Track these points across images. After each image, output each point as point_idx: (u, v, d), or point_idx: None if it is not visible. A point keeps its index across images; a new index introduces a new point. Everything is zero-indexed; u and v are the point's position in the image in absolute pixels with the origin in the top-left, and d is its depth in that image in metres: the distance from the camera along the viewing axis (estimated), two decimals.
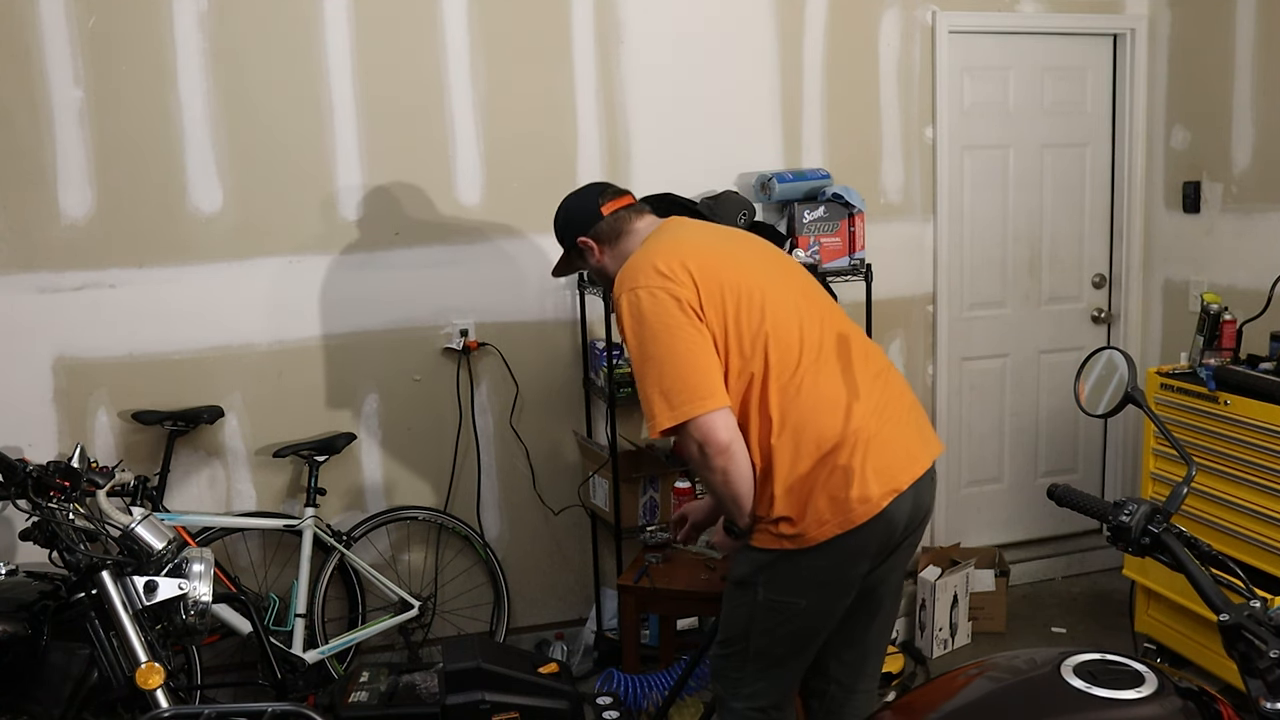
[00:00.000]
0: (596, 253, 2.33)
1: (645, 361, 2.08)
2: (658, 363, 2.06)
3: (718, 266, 2.14)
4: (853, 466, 2.08)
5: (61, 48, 3.19)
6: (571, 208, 2.38)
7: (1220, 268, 3.99)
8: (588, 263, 2.38)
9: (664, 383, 2.05)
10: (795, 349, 2.11)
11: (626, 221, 2.31)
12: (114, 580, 2.04)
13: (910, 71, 4.01)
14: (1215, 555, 1.48)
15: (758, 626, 2.20)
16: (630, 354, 2.13)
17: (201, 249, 3.38)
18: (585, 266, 2.41)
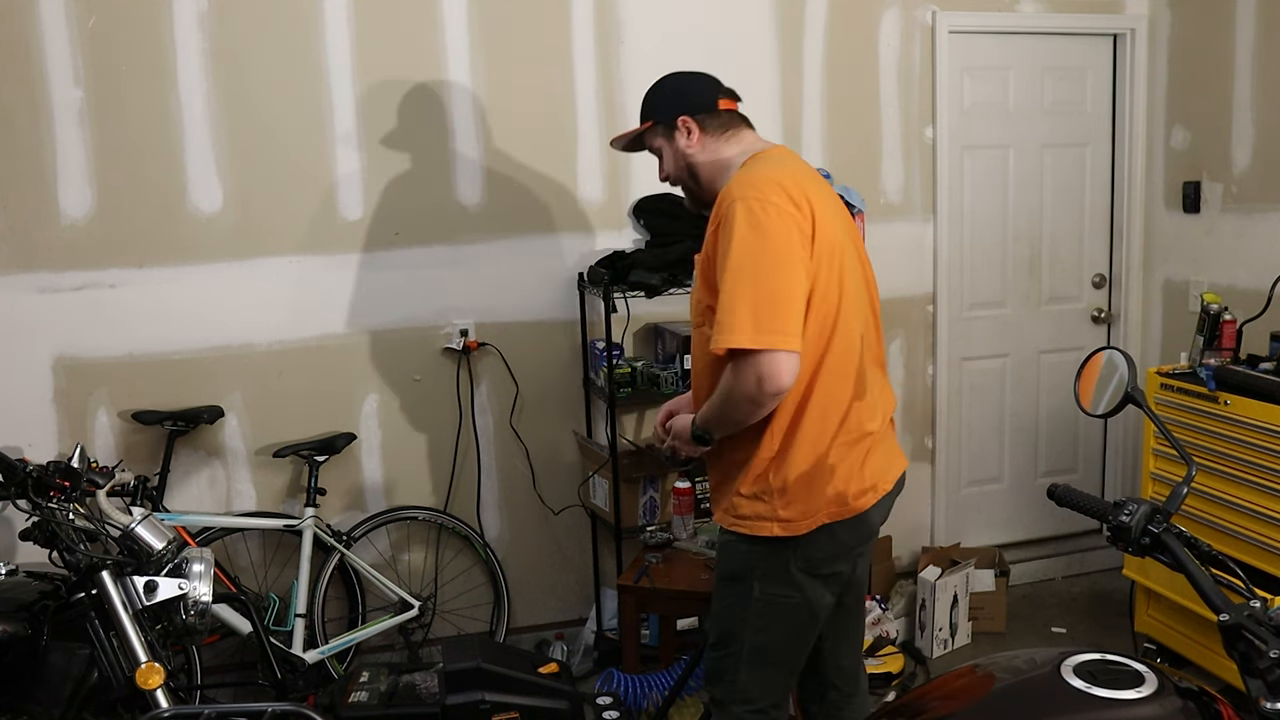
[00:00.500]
0: (693, 138, 2.21)
1: (746, 275, 1.96)
2: (761, 281, 1.96)
3: (829, 225, 2.07)
4: (858, 462, 2.12)
5: (61, 48, 3.19)
6: (685, 85, 2.26)
7: (1220, 268, 3.99)
8: (672, 144, 2.24)
9: (759, 303, 1.95)
10: (856, 340, 2.14)
11: (736, 126, 2.24)
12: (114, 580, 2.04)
13: (910, 71, 4.01)
14: (1215, 555, 1.48)
15: (752, 624, 2.17)
16: (727, 259, 1.99)
17: (201, 249, 3.38)
18: (659, 148, 2.26)
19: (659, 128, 2.26)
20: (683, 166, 2.24)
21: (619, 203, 3.73)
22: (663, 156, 2.27)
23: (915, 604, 3.85)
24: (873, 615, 3.74)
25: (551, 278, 3.71)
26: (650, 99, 2.30)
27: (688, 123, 2.22)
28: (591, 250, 3.69)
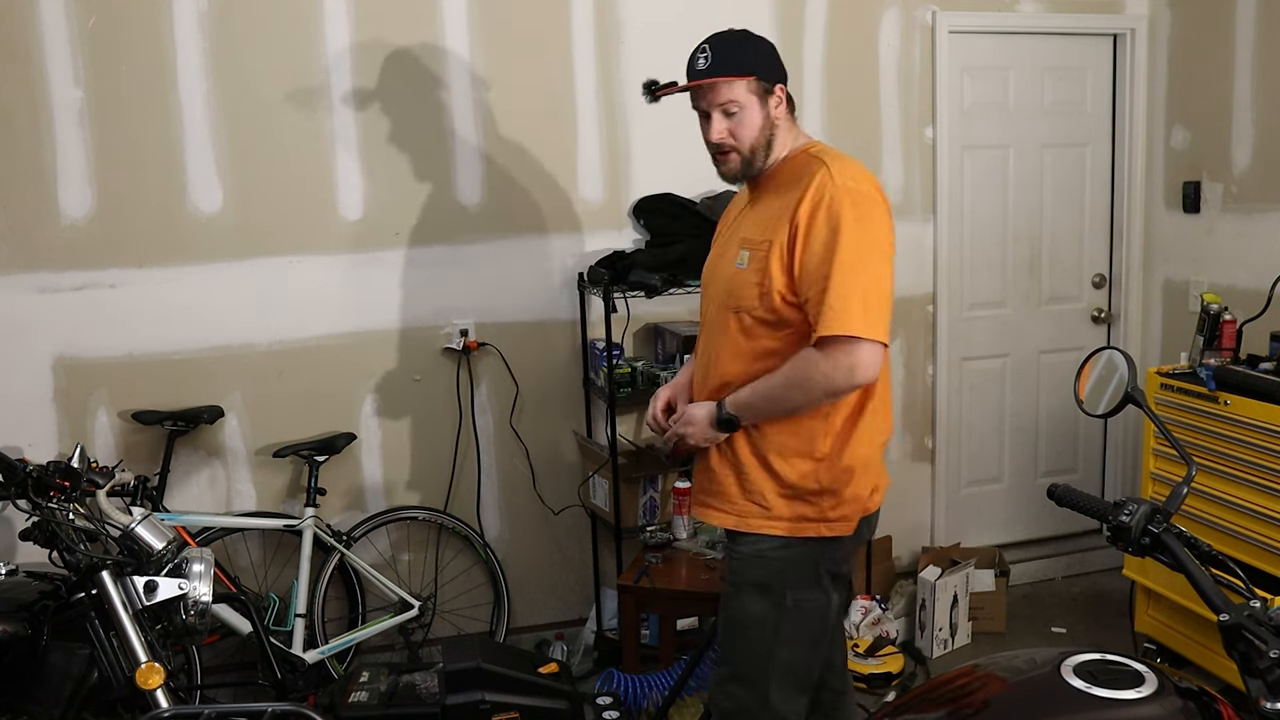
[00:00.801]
0: (782, 109, 2.13)
1: (858, 265, 1.96)
2: (870, 273, 1.97)
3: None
4: (879, 459, 2.21)
5: (61, 48, 3.19)
6: (775, 51, 2.18)
7: (1220, 268, 3.99)
8: (763, 108, 2.10)
9: (868, 294, 1.96)
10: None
11: (793, 107, 2.21)
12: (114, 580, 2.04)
13: (910, 71, 4.01)
14: (1215, 555, 1.48)
15: (784, 638, 2.10)
16: (836, 248, 1.96)
17: (201, 249, 3.38)
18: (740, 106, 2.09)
19: (757, 84, 2.11)
20: (767, 134, 2.12)
21: (619, 203, 3.73)
22: (741, 116, 2.10)
23: (915, 604, 3.85)
24: (873, 615, 3.74)
25: (552, 278, 3.71)
26: (746, 52, 2.13)
27: (784, 91, 2.15)
28: (592, 250, 3.69)
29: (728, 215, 2.36)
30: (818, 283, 1.97)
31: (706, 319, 2.25)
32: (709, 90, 2.10)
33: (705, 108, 2.12)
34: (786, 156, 2.14)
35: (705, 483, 2.23)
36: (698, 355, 2.30)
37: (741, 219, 2.21)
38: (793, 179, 2.07)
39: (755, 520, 2.10)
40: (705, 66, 2.08)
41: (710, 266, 2.30)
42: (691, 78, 2.12)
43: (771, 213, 2.08)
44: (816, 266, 1.97)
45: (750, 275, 2.07)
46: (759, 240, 2.07)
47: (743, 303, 2.09)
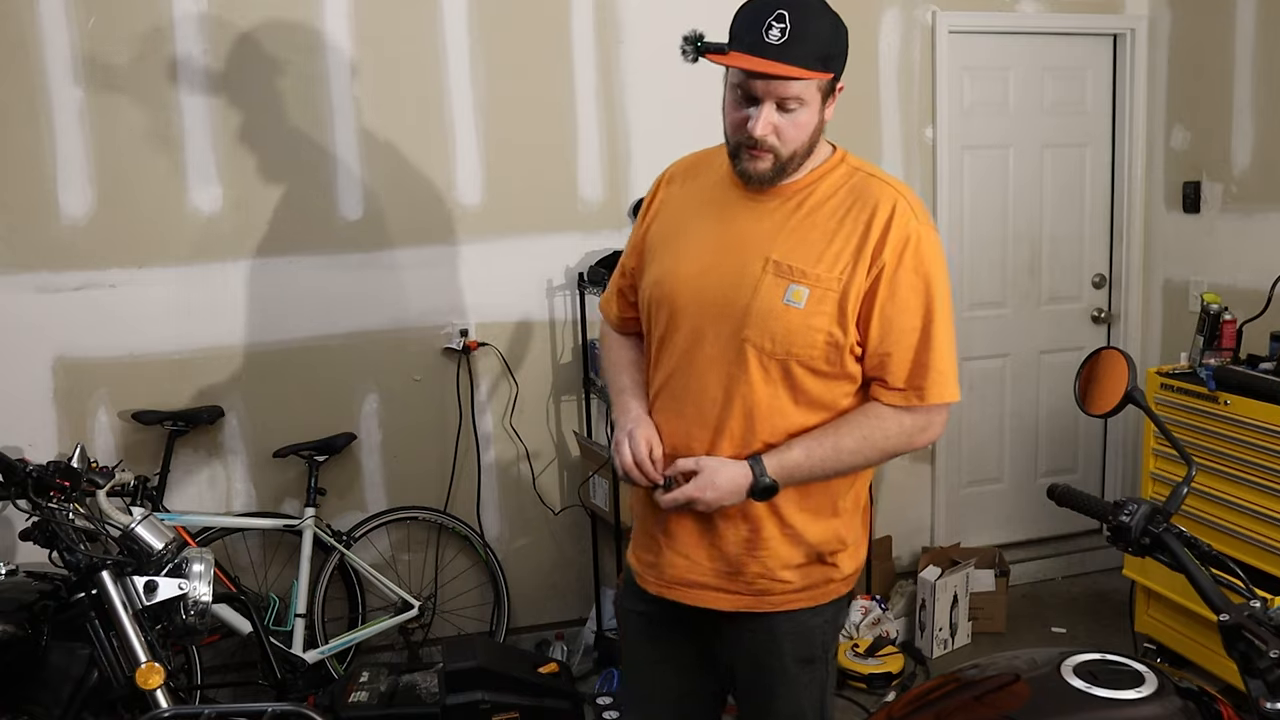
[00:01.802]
0: (829, 106, 1.72)
1: (948, 320, 1.75)
2: (951, 329, 1.76)
3: None
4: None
5: (61, 48, 3.19)
6: (847, 36, 1.71)
7: (1220, 268, 3.99)
8: (822, 110, 1.70)
9: (952, 356, 1.76)
10: None
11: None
12: (114, 580, 2.04)
13: (910, 71, 4.01)
14: (1215, 555, 1.48)
15: (827, 709, 1.88)
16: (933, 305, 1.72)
17: (202, 249, 3.38)
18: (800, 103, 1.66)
19: (832, 84, 1.70)
20: (814, 139, 1.73)
21: (619, 203, 3.73)
22: (797, 114, 1.67)
23: (915, 604, 3.85)
24: (873, 615, 3.74)
25: (552, 278, 3.71)
26: (830, 36, 1.67)
27: (839, 91, 1.74)
28: (591, 250, 3.69)
29: (686, 187, 1.88)
30: (907, 339, 1.71)
31: (689, 342, 1.77)
32: (776, 79, 1.64)
33: (758, 93, 1.66)
34: (821, 164, 1.78)
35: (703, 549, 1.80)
36: (670, 388, 1.81)
37: (752, 224, 1.76)
38: (850, 200, 1.73)
39: (776, 596, 1.79)
40: (781, 42, 1.60)
41: (696, 272, 1.78)
42: (757, 50, 1.62)
43: (825, 238, 1.71)
44: (909, 323, 1.71)
45: (815, 320, 1.69)
46: (820, 275, 1.69)
47: (796, 350, 1.70)
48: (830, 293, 1.69)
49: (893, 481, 4.24)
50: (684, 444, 1.77)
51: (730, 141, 1.74)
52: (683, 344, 1.78)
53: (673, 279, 1.79)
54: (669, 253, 1.82)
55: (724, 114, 1.75)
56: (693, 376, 1.77)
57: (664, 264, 1.82)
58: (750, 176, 1.73)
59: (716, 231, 1.79)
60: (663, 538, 1.82)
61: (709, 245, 1.78)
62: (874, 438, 1.73)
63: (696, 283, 1.77)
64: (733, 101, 1.72)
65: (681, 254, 1.80)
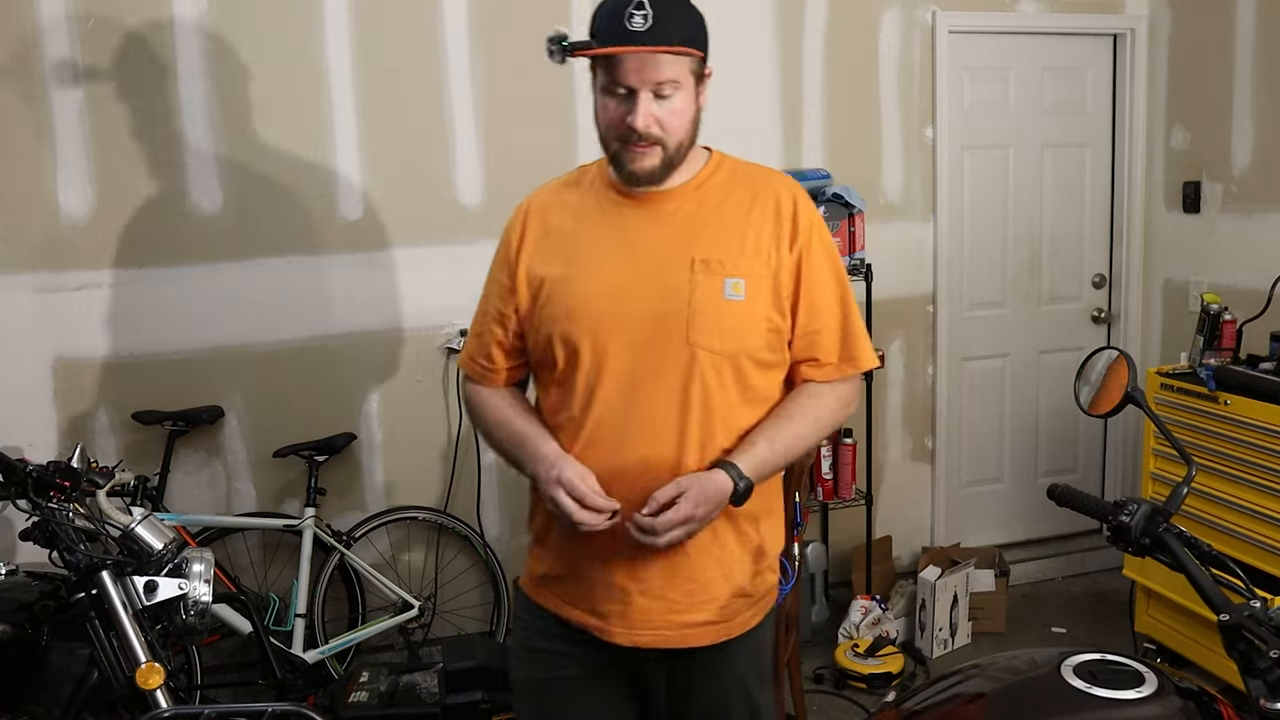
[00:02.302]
0: (702, 93, 1.69)
1: (851, 294, 1.78)
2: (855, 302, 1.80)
3: None
4: None
5: (61, 48, 3.19)
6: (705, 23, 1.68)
7: (1220, 268, 3.99)
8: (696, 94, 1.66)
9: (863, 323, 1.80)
10: None
11: None
12: (114, 580, 2.04)
13: (910, 71, 4.01)
14: (1215, 555, 1.48)
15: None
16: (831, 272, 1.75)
17: (201, 249, 3.38)
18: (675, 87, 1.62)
19: (699, 65, 1.66)
20: (696, 128, 1.69)
21: None
22: (675, 101, 1.63)
23: (915, 604, 3.85)
24: (873, 615, 3.74)
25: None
26: (693, 17, 1.66)
27: (708, 77, 1.70)
28: None
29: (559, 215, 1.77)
30: (831, 313, 1.72)
31: (626, 370, 1.66)
32: (648, 63, 1.59)
33: (634, 84, 1.60)
34: (707, 160, 1.76)
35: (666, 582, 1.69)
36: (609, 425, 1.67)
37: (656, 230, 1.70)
38: (748, 188, 1.73)
39: (741, 613, 1.74)
40: (646, 28, 1.58)
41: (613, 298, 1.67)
42: (623, 40, 1.59)
43: (740, 229, 1.69)
44: (829, 298, 1.72)
45: (758, 309, 1.67)
46: (750, 265, 1.67)
47: (747, 344, 1.67)
48: (764, 279, 1.67)
49: (893, 481, 4.24)
50: (637, 477, 1.64)
51: (611, 145, 1.67)
52: (617, 372, 1.66)
53: (589, 307, 1.67)
54: (572, 283, 1.69)
55: (597, 122, 1.69)
56: (638, 402, 1.66)
57: (571, 295, 1.69)
58: (638, 177, 1.66)
59: (621, 248, 1.70)
60: (631, 583, 1.68)
61: (619, 264, 1.69)
62: (823, 418, 1.73)
63: (619, 304, 1.66)
64: (605, 103, 1.65)
65: (589, 280, 1.68)
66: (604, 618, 1.71)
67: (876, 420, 3.96)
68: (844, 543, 4.08)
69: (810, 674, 3.55)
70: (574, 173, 1.85)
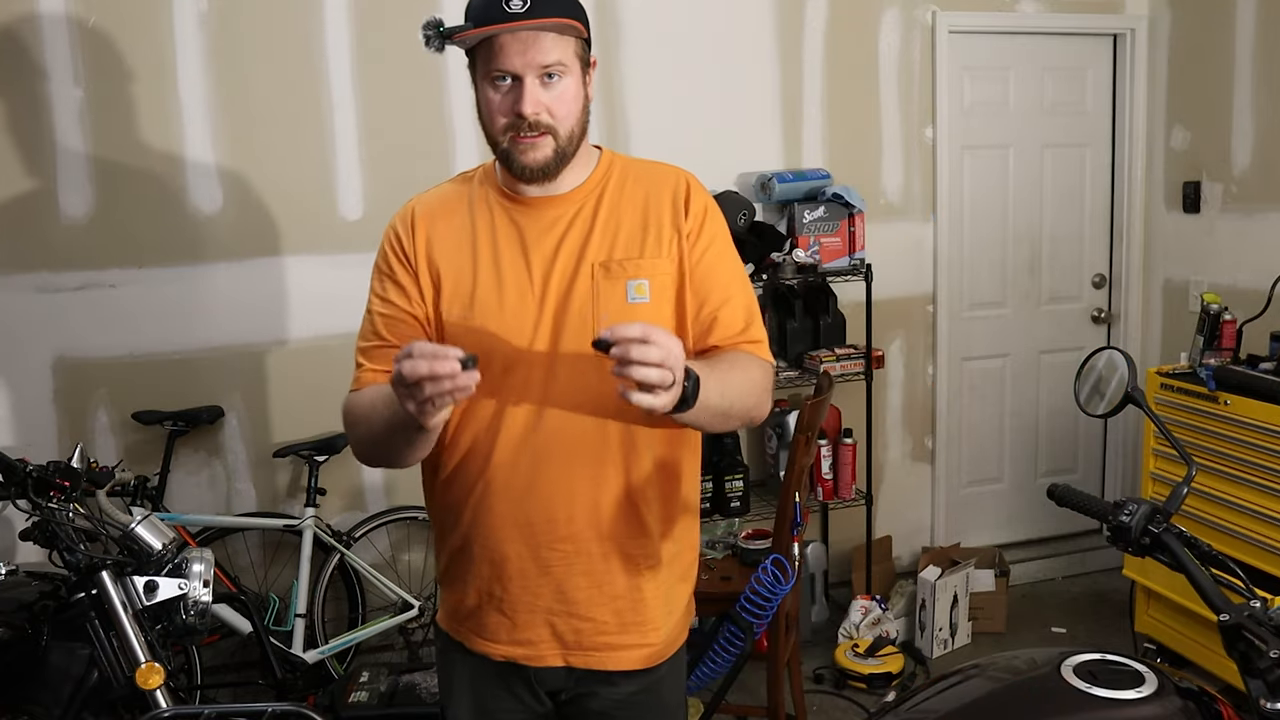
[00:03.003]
0: (589, 79, 1.59)
1: (744, 274, 1.68)
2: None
3: None
4: None
5: (61, 48, 3.19)
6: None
7: (1220, 268, 3.99)
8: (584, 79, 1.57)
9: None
10: None
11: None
12: (114, 580, 2.04)
13: (910, 71, 4.01)
14: (1215, 555, 1.48)
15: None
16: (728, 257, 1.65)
17: (201, 249, 3.38)
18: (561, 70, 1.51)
19: (583, 47, 1.56)
20: (585, 117, 1.59)
21: None
22: (562, 86, 1.52)
23: (915, 604, 3.85)
24: (873, 615, 3.74)
25: None
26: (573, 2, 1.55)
27: (593, 65, 1.61)
28: None
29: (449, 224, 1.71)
30: (740, 301, 1.63)
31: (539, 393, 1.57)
32: (531, 45, 1.47)
33: (518, 68, 1.49)
34: (596, 165, 1.66)
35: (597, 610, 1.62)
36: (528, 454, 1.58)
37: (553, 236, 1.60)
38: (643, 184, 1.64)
39: (668, 633, 1.68)
40: (524, 8, 1.46)
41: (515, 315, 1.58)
42: (500, 18, 1.47)
43: (638, 227, 1.60)
44: (734, 283, 1.64)
45: (664, 309, 1.58)
46: (654, 264, 1.58)
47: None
48: (668, 277, 1.58)
49: (893, 481, 4.24)
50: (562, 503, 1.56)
51: (499, 139, 1.54)
52: (530, 396, 1.56)
53: (499, 318, 1.57)
54: (469, 296, 1.60)
55: (480, 119, 1.57)
56: (557, 423, 1.56)
57: (479, 305, 1.59)
58: (530, 170, 1.54)
59: (518, 261, 1.59)
60: (556, 605, 1.60)
61: (518, 278, 1.58)
62: (757, 379, 1.58)
63: (520, 317, 1.57)
64: (489, 96, 1.53)
65: (486, 292, 1.58)
66: (532, 644, 1.63)
67: (876, 420, 3.96)
68: (844, 543, 4.08)
69: (810, 674, 3.55)
70: (455, 179, 1.75)
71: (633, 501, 1.60)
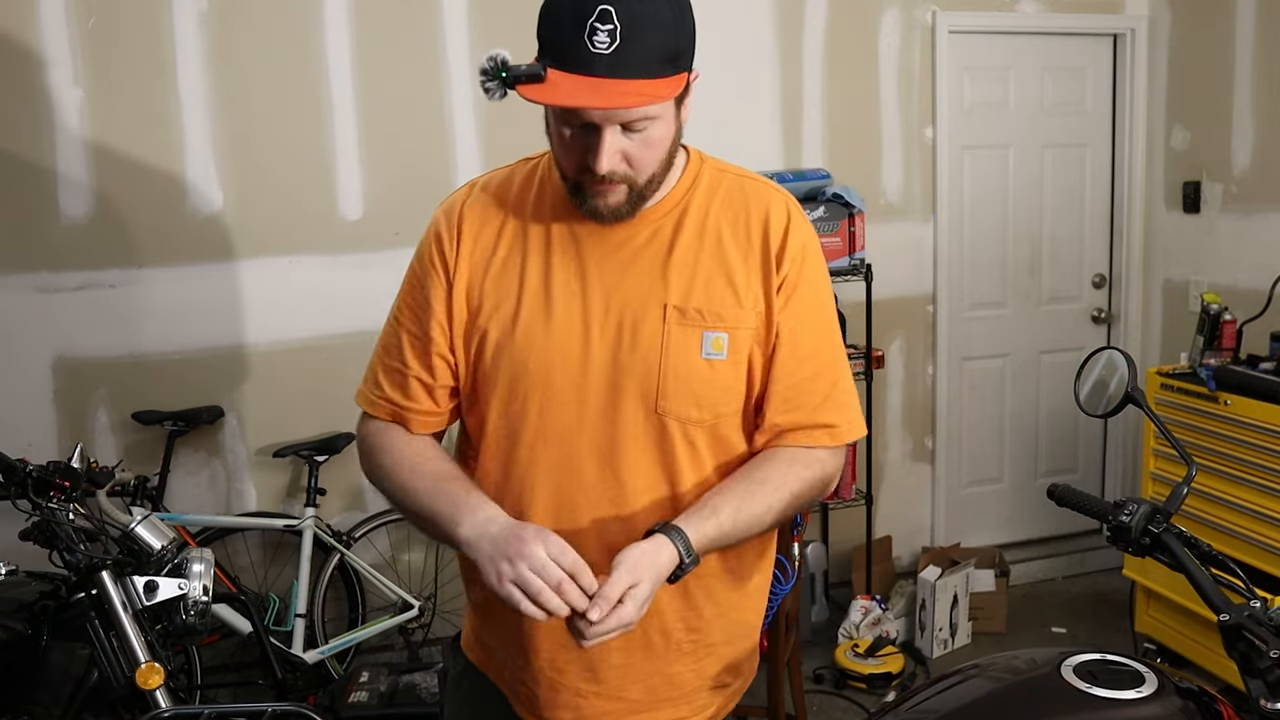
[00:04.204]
0: (684, 111, 1.39)
1: (842, 347, 1.48)
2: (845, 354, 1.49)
3: None
4: None
5: (61, 48, 3.19)
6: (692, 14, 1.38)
7: (1220, 268, 3.99)
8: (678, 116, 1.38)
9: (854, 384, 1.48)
10: None
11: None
12: (114, 580, 2.04)
13: (910, 71, 4.01)
14: (1215, 555, 1.48)
15: None
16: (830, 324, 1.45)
17: (201, 249, 3.38)
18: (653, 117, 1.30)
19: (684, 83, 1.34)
20: (674, 150, 1.39)
21: None
22: (648, 133, 1.31)
23: (915, 604, 3.85)
24: (873, 615, 3.74)
25: None
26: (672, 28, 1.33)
27: (688, 85, 1.37)
28: None
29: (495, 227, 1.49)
30: (825, 372, 1.41)
31: (573, 435, 1.38)
32: (615, 97, 1.24)
33: (596, 120, 1.27)
34: (681, 174, 1.44)
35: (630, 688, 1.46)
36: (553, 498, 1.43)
37: (622, 261, 1.39)
38: (734, 211, 1.42)
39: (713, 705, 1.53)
40: (612, 49, 1.22)
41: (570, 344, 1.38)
42: (582, 66, 1.22)
43: (722, 263, 1.39)
44: (819, 350, 1.42)
45: (741, 370, 1.39)
46: (736, 314, 1.37)
47: (728, 411, 1.39)
48: (749, 330, 1.37)
49: (893, 481, 4.24)
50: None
51: (568, 180, 1.36)
52: (565, 440, 1.38)
53: (543, 352, 1.37)
54: (517, 323, 1.39)
55: (551, 140, 1.37)
56: (587, 481, 1.39)
57: (521, 333, 1.39)
58: (601, 214, 1.35)
59: (581, 281, 1.38)
60: (584, 685, 1.46)
61: (569, 306, 1.38)
62: (800, 491, 1.38)
63: (574, 358, 1.37)
64: (560, 130, 1.32)
65: (536, 322, 1.39)
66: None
67: (876, 420, 3.96)
68: (844, 543, 4.08)
69: (810, 674, 3.55)
70: (518, 164, 1.52)
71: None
